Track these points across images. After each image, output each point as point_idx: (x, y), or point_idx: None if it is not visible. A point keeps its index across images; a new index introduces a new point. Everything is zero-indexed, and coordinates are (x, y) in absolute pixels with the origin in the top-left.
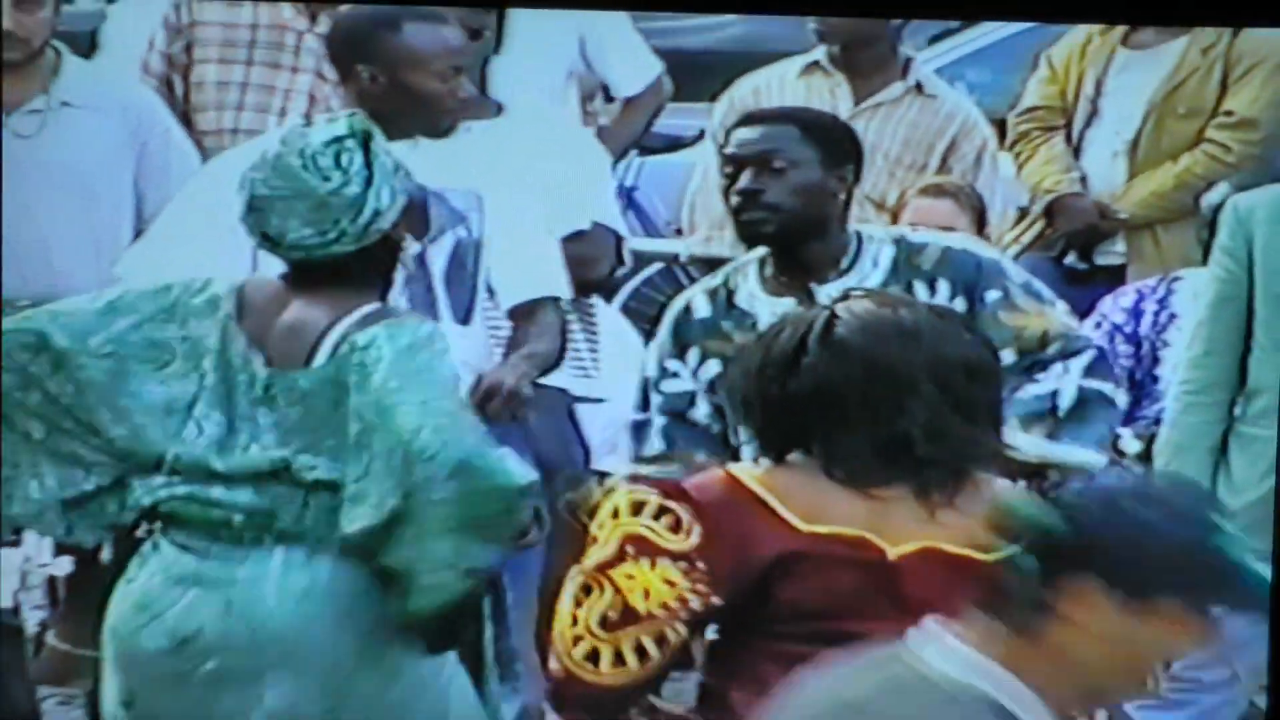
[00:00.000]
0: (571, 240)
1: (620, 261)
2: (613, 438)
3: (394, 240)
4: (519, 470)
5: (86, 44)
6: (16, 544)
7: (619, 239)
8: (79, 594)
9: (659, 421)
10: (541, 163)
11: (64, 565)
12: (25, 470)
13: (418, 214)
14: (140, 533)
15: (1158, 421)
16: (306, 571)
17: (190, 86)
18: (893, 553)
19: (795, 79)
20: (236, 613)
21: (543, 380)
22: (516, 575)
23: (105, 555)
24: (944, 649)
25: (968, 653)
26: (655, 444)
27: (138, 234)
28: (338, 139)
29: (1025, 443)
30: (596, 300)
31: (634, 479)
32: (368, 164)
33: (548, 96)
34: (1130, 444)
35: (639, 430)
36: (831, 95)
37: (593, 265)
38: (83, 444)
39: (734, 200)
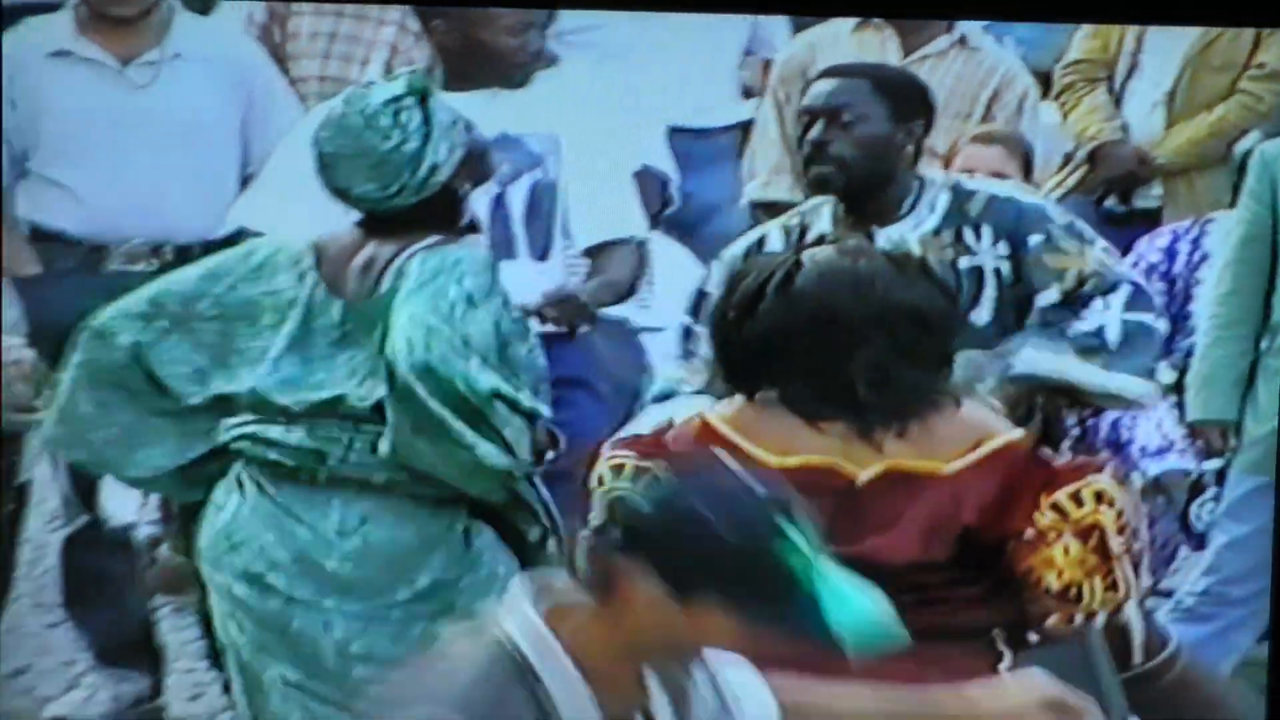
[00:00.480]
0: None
1: (667, 202)
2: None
3: (453, 189)
4: (481, 378)
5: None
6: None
7: (665, 181)
8: (188, 513)
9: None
10: (607, 110)
11: None
12: (140, 440)
13: (478, 163)
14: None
15: (1189, 354)
16: (359, 512)
17: (286, 35)
18: (862, 477)
19: (848, 35)
20: (301, 553)
21: (610, 312)
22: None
23: None
24: (520, 618)
25: (534, 623)
26: (704, 350)
27: (243, 178)
28: (396, 98)
29: (1083, 375)
30: (652, 235)
31: (618, 443)
32: (426, 121)
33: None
34: (1165, 375)
35: (688, 335)
36: (881, 49)
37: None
38: (192, 410)
39: (804, 150)
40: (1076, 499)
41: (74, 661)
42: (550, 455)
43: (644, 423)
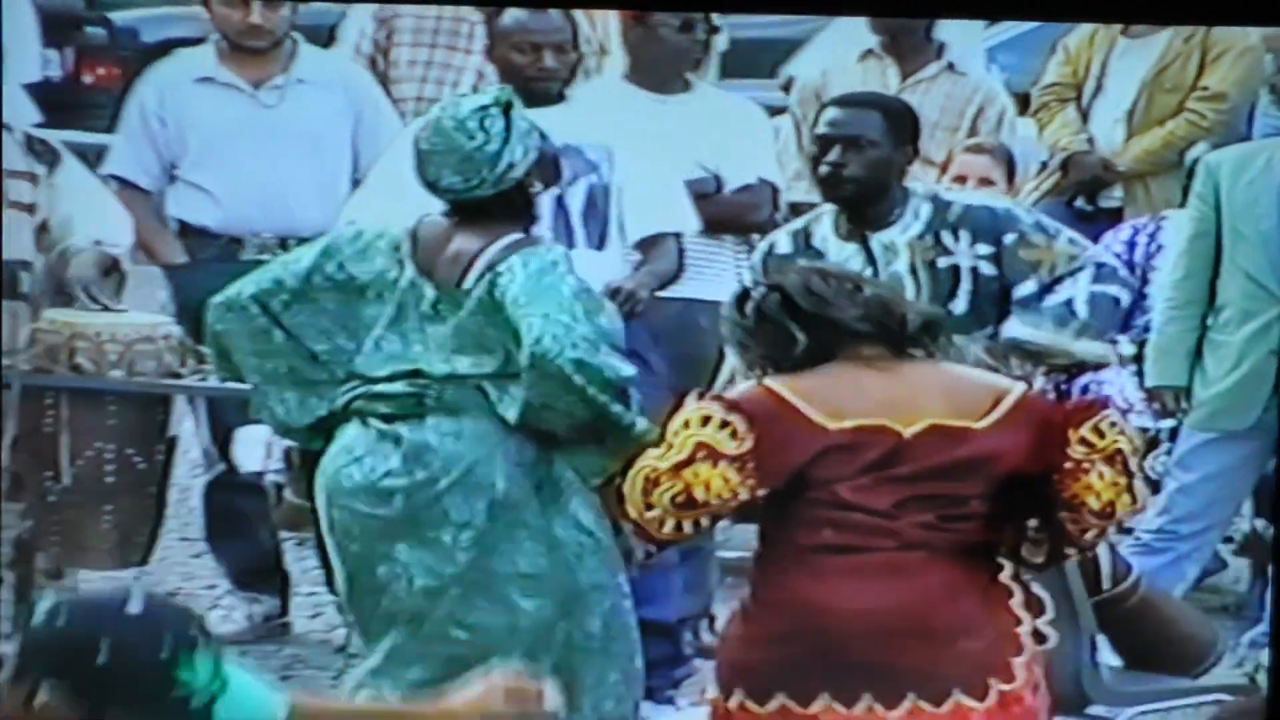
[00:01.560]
0: (740, 191)
1: (777, 209)
2: None
3: (527, 186)
4: (621, 366)
5: (326, 37)
6: (260, 422)
7: (776, 191)
8: (307, 460)
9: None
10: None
11: None
12: (273, 396)
13: (550, 166)
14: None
15: (1147, 330)
16: (460, 428)
17: (389, 64)
18: (908, 432)
19: (854, 64)
20: (412, 460)
21: (668, 293)
22: None
23: None
24: None
25: None
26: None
27: (354, 182)
28: (484, 107)
29: (1053, 340)
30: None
31: (700, 395)
32: (506, 127)
33: None
34: (1126, 348)
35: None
36: (883, 75)
37: (755, 211)
38: (313, 372)
39: (822, 170)
40: (1099, 431)
41: (215, 585)
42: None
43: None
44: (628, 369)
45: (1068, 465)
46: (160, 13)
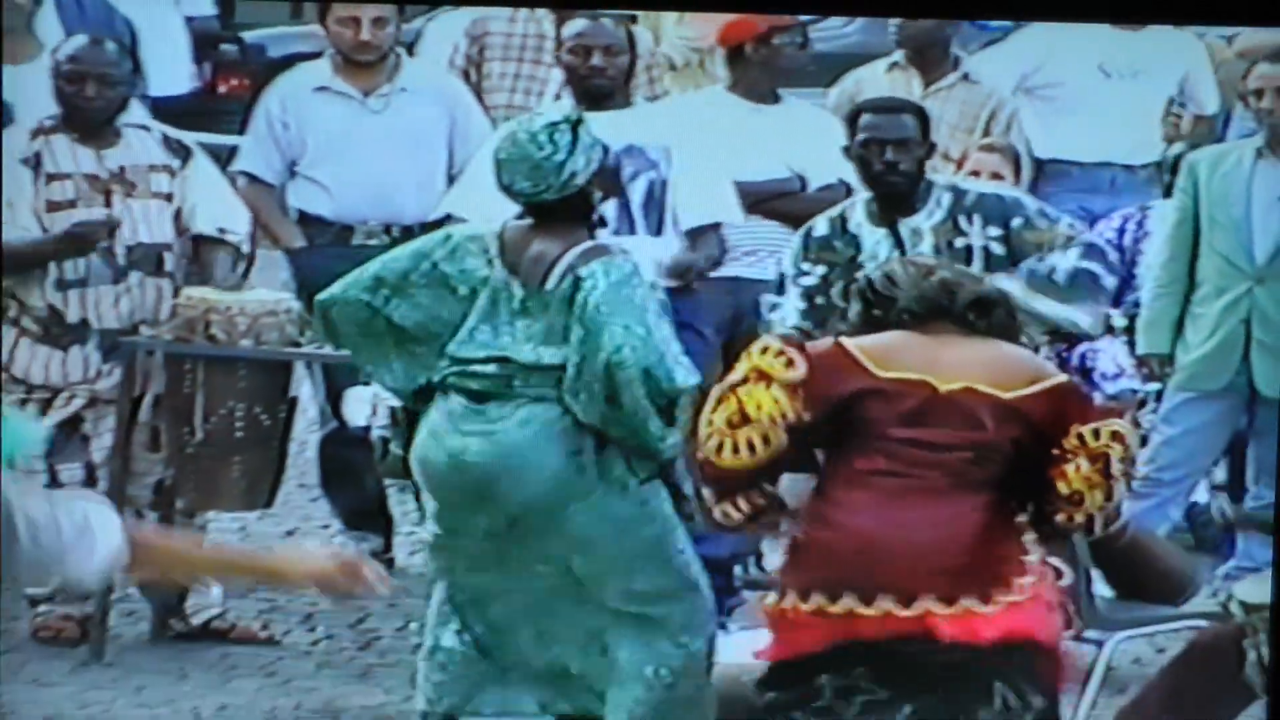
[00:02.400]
0: (823, 190)
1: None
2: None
3: (588, 193)
4: (685, 376)
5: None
6: (368, 383)
7: (849, 189)
8: (410, 417)
9: (795, 305)
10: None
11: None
12: (383, 365)
13: (610, 175)
14: None
15: (1136, 305)
16: (536, 415)
17: (482, 76)
18: (943, 389)
19: (883, 74)
20: (492, 440)
21: (719, 273)
22: None
23: None
24: None
25: None
26: (790, 318)
27: (450, 178)
28: (553, 123)
29: (1033, 303)
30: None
31: (776, 337)
32: (573, 141)
33: None
34: (1119, 321)
35: (773, 308)
36: (908, 85)
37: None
38: (415, 347)
39: (877, 167)
40: (1096, 434)
41: (329, 526)
42: None
43: None
44: (690, 378)
45: (1056, 451)
46: (284, 31)
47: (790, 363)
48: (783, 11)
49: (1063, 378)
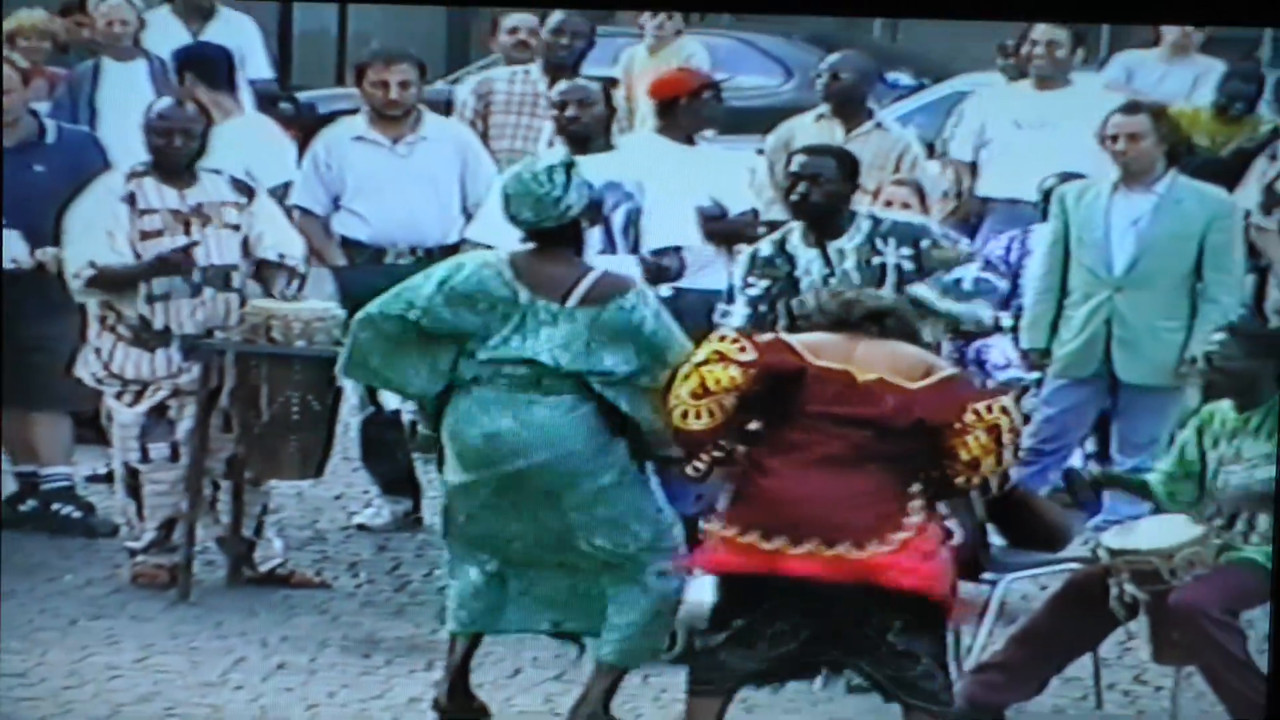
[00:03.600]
0: (740, 215)
1: (759, 227)
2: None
3: (579, 223)
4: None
5: (444, 107)
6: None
7: (758, 215)
8: (437, 407)
9: (742, 311)
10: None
11: None
12: (409, 374)
13: (595, 208)
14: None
15: (1020, 309)
16: (562, 404)
17: (489, 126)
18: (861, 378)
19: (811, 124)
20: (521, 423)
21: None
22: None
23: None
24: None
25: None
26: (738, 321)
27: (463, 210)
28: (551, 166)
29: (942, 304)
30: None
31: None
32: (567, 181)
33: None
34: (1006, 321)
35: (724, 314)
36: (831, 133)
37: (749, 229)
38: (439, 354)
39: (794, 198)
40: (989, 409)
41: (368, 491)
42: None
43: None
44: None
45: (956, 425)
46: (329, 92)
47: (744, 348)
48: (782, 12)
49: (954, 371)
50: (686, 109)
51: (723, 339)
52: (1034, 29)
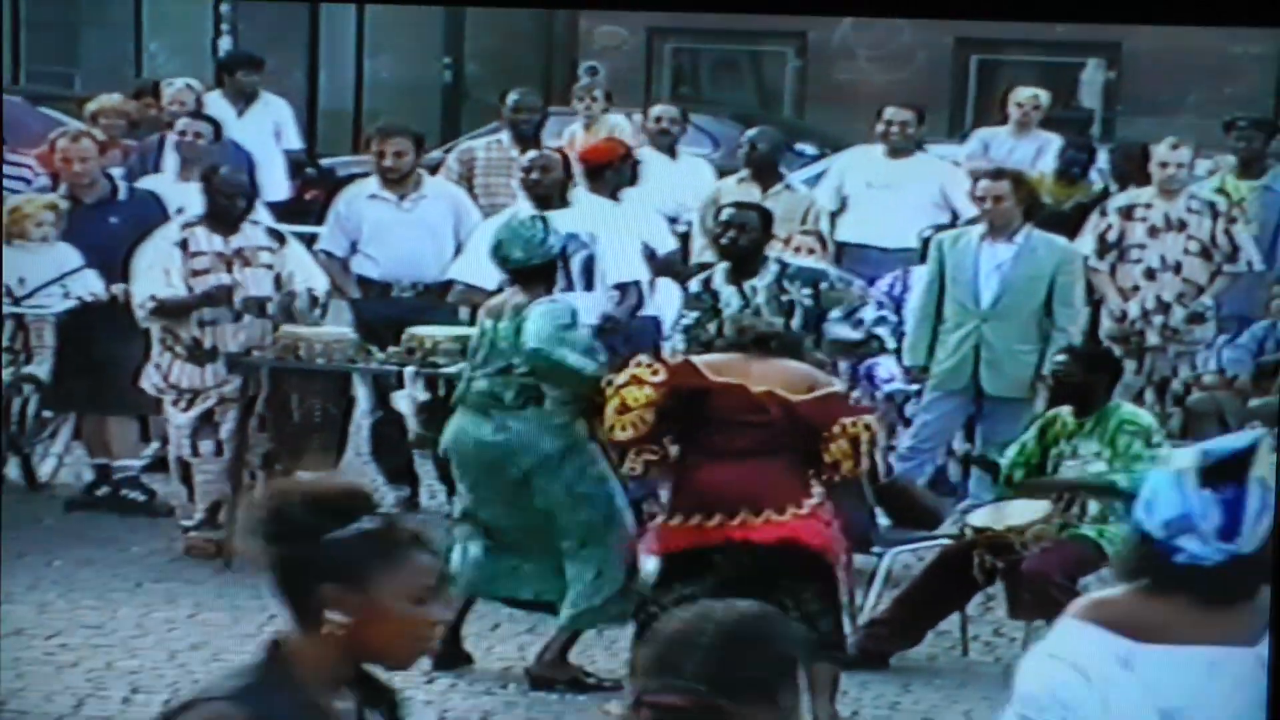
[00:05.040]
0: (667, 255)
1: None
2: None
3: (554, 264)
4: (581, 363)
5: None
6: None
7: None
8: (435, 410)
9: (678, 337)
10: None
11: (426, 396)
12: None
13: (564, 255)
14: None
15: (902, 333)
16: (534, 413)
17: (475, 186)
18: (754, 390)
19: (735, 185)
20: (503, 434)
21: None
22: None
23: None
24: None
25: None
26: (677, 345)
27: (457, 251)
28: (535, 217)
29: (844, 335)
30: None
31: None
32: (546, 227)
33: None
34: (891, 343)
35: (666, 339)
36: (750, 192)
37: (672, 268)
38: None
39: (723, 242)
40: (854, 424)
41: (375, 480)
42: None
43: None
44: (586, 365)
45: (825, 434)
46: (347, 159)
47: (655, 371)
48: (782, 12)
49: (835, 387)
50: (613, 172)
51: (639, 364)
52: (885, 111)
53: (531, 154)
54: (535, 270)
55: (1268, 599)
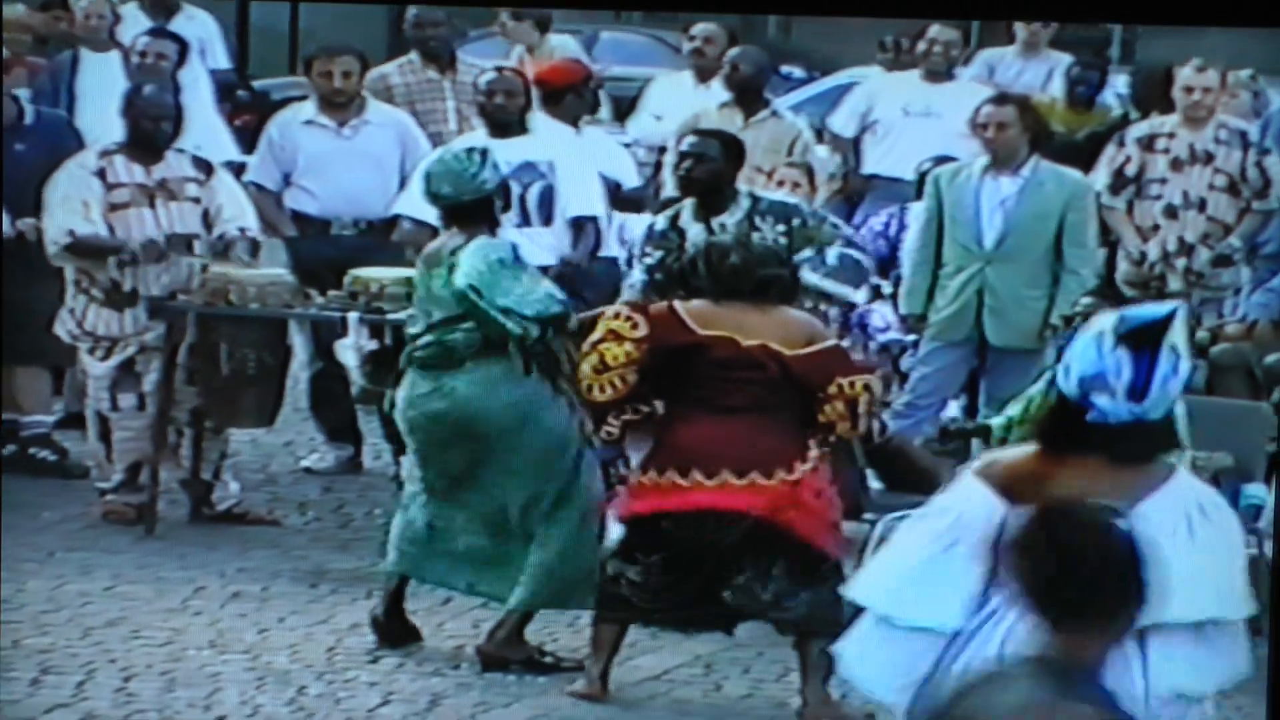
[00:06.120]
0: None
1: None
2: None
3: (492, 201)
4: (521, 304)
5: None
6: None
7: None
8: (382, 361)
9: (639, 277)
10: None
11: (372, 345)
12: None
13: (506, 191)
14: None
15: (899, 278)
16: (484, 374)
17: (416, 111)
18: (744, 344)
19: (715, 111)
20: (450, 399)
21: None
22: None
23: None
24: None
25: None
26: (637, 287)
27: (401, 184)
28: (471, 147)
29: (817, 282)
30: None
31: (622, 302)
32: (483, 160)
33: None
34: (886, 289)
35: (626, 278)
36: (732, 120)
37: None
38: None
39: (680, 172)
40: (852, 385)
41: (314, 438)
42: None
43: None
44: (518, 303)
45: (820, 394)
46: (282, 81)
47: (634, 325)
48: (782, 12)
49: (832, 344)
50: (575, 97)
51: (616, 316)
52: (930, 29)
53: (489, 75)
54: (468, 208)
55: (1156, 466)
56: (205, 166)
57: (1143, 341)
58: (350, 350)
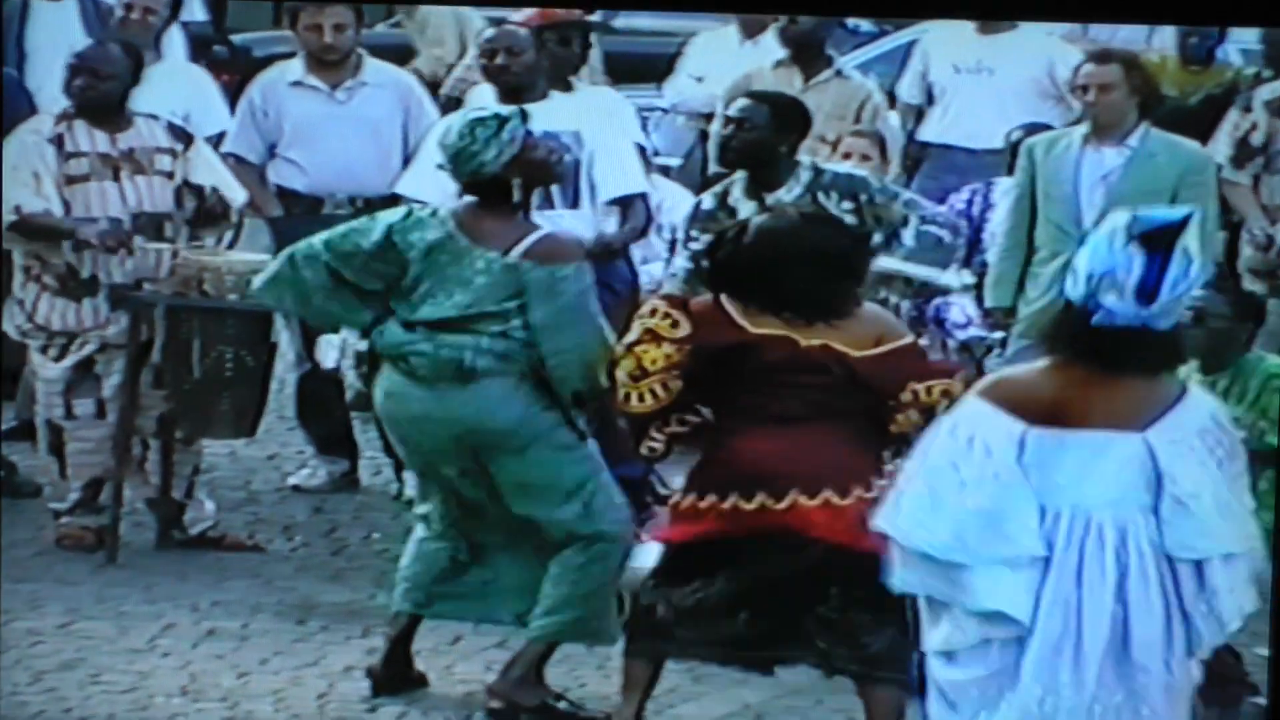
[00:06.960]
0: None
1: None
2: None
3: (503, 179)
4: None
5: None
6: (337, 330)
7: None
8: (372, 365)
9: (683, 264)
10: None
11: (362, 345)
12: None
13: (539, 168)
14: None
15: (983, 265)
16: (497, 386)
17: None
18: (803, 344)
19: (770, 71)
20: (445, 407)
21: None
22: None
23: None
24: None
25: None
26: (680, 276)
27: (404, 159)
28: (480, 119)
29: (886, 263)
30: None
31: (660, 297)
32: (493, 135)
33: None
34: (968, 278)
35: (667, 264)
36: (790, 81)
37: None
38: (364, 301)
39: (719, 141)
40: (929, 391)
41: (303, 451)
42: None
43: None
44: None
45: (892, 402)
46: (266, 35)
47: (675, 323)
48: (782, 12)
49: (907, 340)
50: (556, 45)
51: (653, 312)
52: None
53: (489, 32)
54: (482, 188)
55: (1166, 385)
56: (183, 136)
57: (1156, 242)
58: (334, 349)
